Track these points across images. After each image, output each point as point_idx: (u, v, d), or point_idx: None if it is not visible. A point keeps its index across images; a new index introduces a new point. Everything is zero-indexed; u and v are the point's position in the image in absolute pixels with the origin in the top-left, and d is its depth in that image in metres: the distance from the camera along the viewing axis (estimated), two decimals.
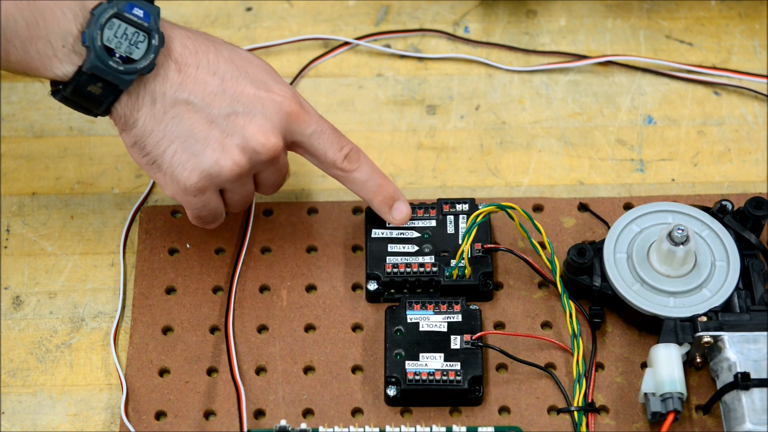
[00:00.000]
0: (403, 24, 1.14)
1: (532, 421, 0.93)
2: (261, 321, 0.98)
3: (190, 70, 0.91)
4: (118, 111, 0.91)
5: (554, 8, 1.15)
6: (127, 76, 0.89)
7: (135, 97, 0.91)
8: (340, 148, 0.96)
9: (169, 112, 0.91)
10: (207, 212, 0.95)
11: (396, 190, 0.98)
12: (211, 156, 0.92)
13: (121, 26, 0.89)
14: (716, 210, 0.98)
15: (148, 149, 0.92)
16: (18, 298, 1.00)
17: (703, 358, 0.94)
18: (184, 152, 0.92)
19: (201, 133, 0.91)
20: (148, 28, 0.90)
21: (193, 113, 0.91)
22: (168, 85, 0.91)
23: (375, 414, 0.94)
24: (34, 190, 1.05)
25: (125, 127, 0.92)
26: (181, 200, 0.94)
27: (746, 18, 1.14)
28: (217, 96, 0.92)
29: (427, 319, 0.96)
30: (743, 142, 1.07)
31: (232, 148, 0.92)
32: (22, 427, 0.94)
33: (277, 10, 1.15)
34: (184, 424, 0.94)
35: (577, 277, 0.96)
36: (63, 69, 0.89)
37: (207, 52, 0.92)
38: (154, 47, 0.90)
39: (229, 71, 0.92)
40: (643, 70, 1.11)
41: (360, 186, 0.97)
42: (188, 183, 0.92)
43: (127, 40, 0.89)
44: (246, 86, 0.92)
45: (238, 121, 0.92)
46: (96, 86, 0.89)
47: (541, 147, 1.07)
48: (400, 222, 0.98)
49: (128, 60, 0.89)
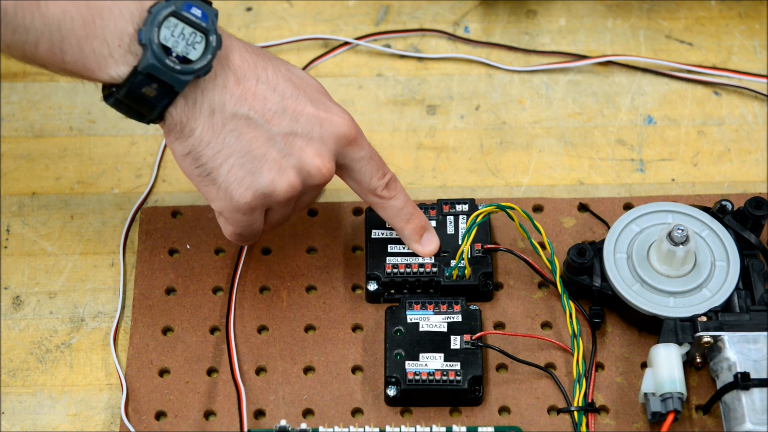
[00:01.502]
0: (403, 24, 1.14)
1: (532, 421, 0.94)
2: (261, 321, 0.98)
3: (249, 83, 0.89)
4: (174, 116, 0.89)
5: (554, 8, 1.15)
6: (183, 77, 0.87)
7: (192, 104, 0.88)
8: (383, 175, 0.94)
9: (228, 125, 0.89)
10: (249, 231, 0.94)
11: (426, 220, 0.97)
12: (268, 176, 0.90)
13: (179, 25, 0.87)
14: (716, 210, 0.98)
15: (204, 161, 0.90)
16: (18, 298, 1.00)
17: (703, 358, 0.94)
18: (240, 169, 0.90)
19: (259, 151, 0.90)
20: (206, 28, 0.88)
21: (252, 129, 0.89)
22: (227, 96, 0.89)
23: (375, 414, 0.94)
24: (34, 190, 1.05)
25: (180, 135, 0.89)
26: (228, 216, 0.92)
27: (746, 18, 1.14)
28: (276, 114, 0.90)
29: (427, 319, 0.96)
30: (743, 142, 1.07)
31: (288, 169, 0.90)
32: (22, 427, 0.94)
33: (277, 10, 1.15)
34: (184, 424, 0.94)
35: (577, 277, 0.96)
36: (118, 70, 0.86)
37: (266, 67, 0.90)
38: (211, 48, 0.87)
39: (288, 89, 0.91)
40: (643, 70, 1.11)
41: (394, 214, 0.96)
42: (242, 201, 0.91)
43: (184, 40, 0.87)
44: (305, 106, 0.91)
45: (296, 142, 0.90)
46: (151, 87, 0.87)
47: (541, 147, 1.07)
48: (428, 254, 0.97)
49: (185, 60, 0.87)
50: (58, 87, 1.10)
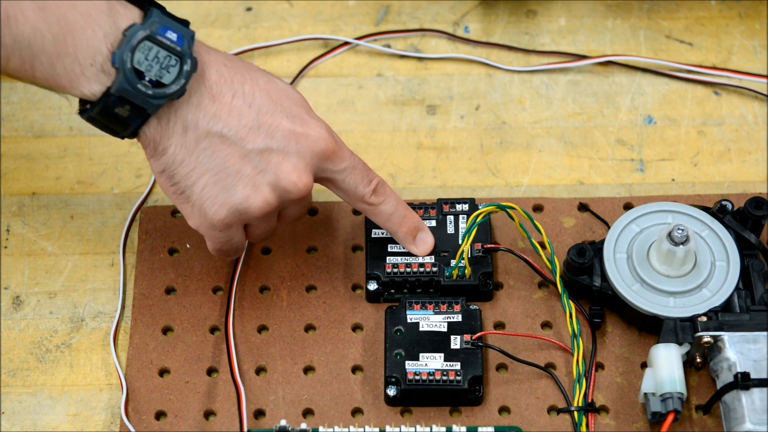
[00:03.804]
0: (403, 24, 1.14)
1: (532, 421, 0.94)
2: (261, 321, 0.98)
3: (225, 99, 0.89)
4: (147, 135, 0.88)
5: (554, 8, 1.15)
6: (155, 101, 0.86)
7: (165, 123, 0.88)
8: (369, 182, 0.94)
9: (201, 142, 0.89)
10: (229, 246, 0.94)
11: (419, 220, 0.97)
12: (242, 192, 0.90)
13: (153, 49, 0.86)
14: (716, 210, 0.98)
15: (177, 179, 0.90)
16: (18, 298, 1.00)
17: (703, 358, 0.94)
18: (214, 186, 0.90)
19: (233, 168, 0.89)
20: (181, 52, 0.87)
21: (226, 146, 0.89)
22: (201, 114, 0.88)
23: (375, 414, 0.94)
24: (34, 190, 1.05)
25: (154, 153, 0.89)
26: (204, 233, 0.93)
27: (746, 18, 1.14)
28: (251, 130, 0.89)
29: (427, 319, 0.96)
30: (743, 142, 1.07)
31: (263, 186, 0.90)
32: (22, 427, 0.94)
33: (277, 10, 1.15)
34: (184, 424, 0.94)
35: (577, 277, 0.96)
36: (90, 88, 0.86)
37: (243, 81, 0.90)
38: (185, 72, 0.87)
39: (265, 104, 0.90)
40: (643, 70, 1.11)
41: (385, 219, 0.96)
42: (216, 218, 0.91)
43: (159, 64, 0.86)
44: (282, 121, 0.90)
45: (271, 158, 0.90)
46: (124, 108, 0.86)
47: (541, 147, 1.07)
48: (423, 253, 0.98)
49: (158, 84, 0.86)
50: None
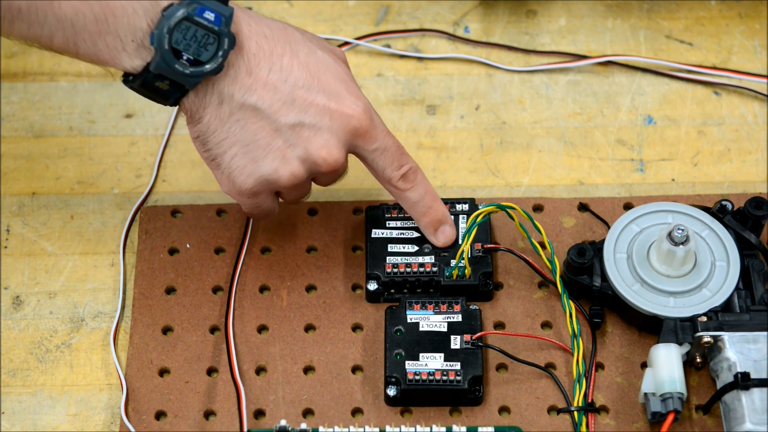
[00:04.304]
0: (403, 24, 1.14)
1: (532, 421, 0.93)
2: (261, 321, 0.98)
3: (261, 73, 0.90)
4: (185, 105, 0.91)
5: (554, 8, 1.15)
6: (193, 79, 0.89)
7: (202, 95, 0.90)
8: (399, 166, 0.95)
9: (235, 114, 0.91)
10: (258, 211, 0.96)
11: (445, 213, 0.98)
12: (271, 164, 0.92)
13: (191, 29, 0.88)
14: (716, 210, 0.98)
15: (209, 146, 0.92)
16: (18, 298, 1.00)
17: (703, 358, 0.94)
18: (243, 156, 0.92)
19: (264, 140, 0.91)
20: (219, 31, 0.88)
21: (258, 119, 0.91)
22: (237, 87, 0.90)
23: (375, 414, 0.94)
24: (34, 190, 1.05)
25: (191, 121, 0.92)
26: (234, 198, 0.95)
27: (746, 18, 1.14)
28: (285, 104, 0.91)
29: (427, 319, 0.96)
30: (743, 142, 1.07)
31: (292, 159, 0.92)
32: (22, 427, 0.94)
33: (277, 10, 1.15)
34: (184, 424, 0.94)
35: (577, 277, 0.96)
36: (132, 63, 0.88)
37: (282, 54, 0.91)
38: (223, 50, 0.89)
39: (301, 78, 0.91)
40: (643, 70, 1.11)
41: (411, 205, 0.97)
42: (244, 186, 0.93)
43: (197, 42, 0.88)
44: (316, 96, 0.91)
45: (303, 132, 0.91)
46: (163, 83, 0.89)
47: (541, 147, 1.07)
48: (444, 245, 0.98)
49: (196, 62, 0.88)
50: (58, 87, 1.10)
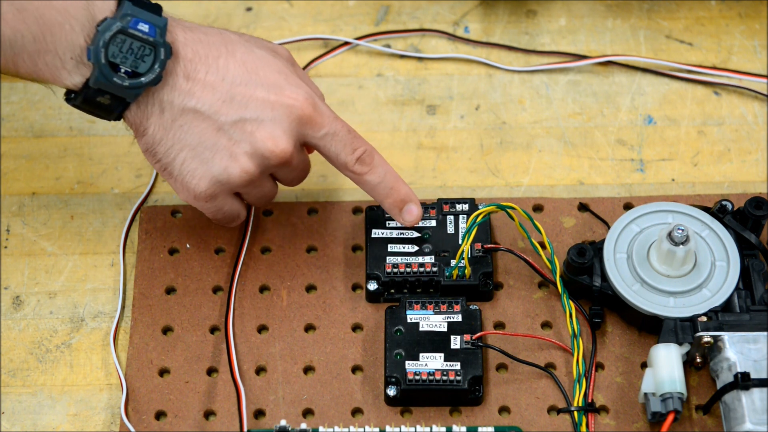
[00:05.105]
0: (403, 24, 1.14)
1: (532, 421, 0.93)
2: (261, 321, 0.98)
3: (199, 76, 0.91)
4: (129, 118, 0.92)
5: (554, 8, 1.15)
6: (132, 90, 0.90)
7: (144, 107, 0.91)
8: (353, 150, 0.95)
9: (177, 120, 0.91)
10: (222, 215, 0.96)
11: (408, 192, 0.97)
12: (220, 164, 0.92)
13: (127, 41, 0.89)
14: (716, 210, 0.98)
15: (159, 156, 0.93)
16: (18, 298, 1.00)
17: (703, 358, 0.94)
18: (193, 160, 0.92)
19: (209, 141, 0.92)
20: (154, 42, 0.89)
21: (201, 121, 0.92)
22: (176, 94, 0.91)
23: (375, 414, 0.94)
24: (34, 190, 1.05)
25: (137, 133, 0.93)
26: (193, 204, 0.95)
27: (746, 18, 1.14)
28: (225, 102, 0.91)
29: (427, 319, 0.96)
30: (743, 142, 1.07)
31: (240, 155, 0.92)
32: (22, 427, 0.94)
33: (277, 10, 1.15)
34: (184, 424, 0.94)
35: (577, 277, 0.96)
36: (72, 80, 0.89)
37: (218, 56, 0.92)
38: (160, 61, 0.90)
39: (239, 75, 0.92)
40: (643, 70, 1.11)
41: (371, 188, 0.97)
42: (198, 190, 0.93)
43: (133, 55, 0.89)
44: (255, 90, 0.92)
45: (246, 127, 0.92)
46: (104, 98, 0.90)
47: (541, 147, 1.07)
48: (411, 223, 0.98)
49: (134, 74, 0.89)
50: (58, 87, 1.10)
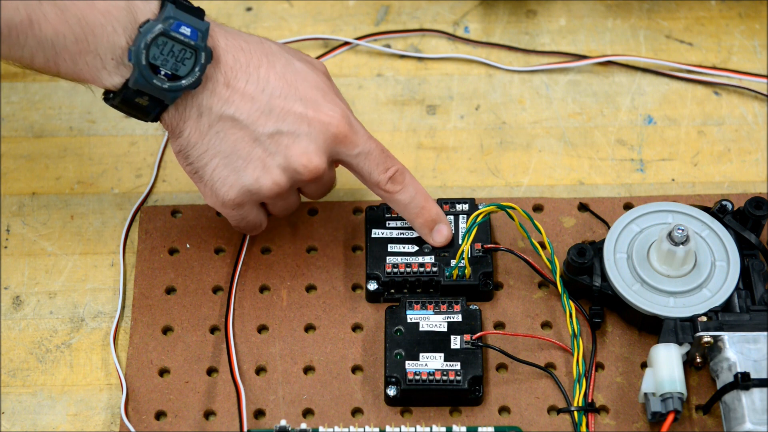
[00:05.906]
0: (403, 24, 1.14)
1: (532, 421, 0.94)
2: (261, 321, 0.98)
3: (239, 84, 0.91)
4: (166, 120, 0.92)
5: (554, 8, 1.15)
6: (171, 93, 0.90)
7: (182, 109, 0.91)
8: (385, 169, 0.95)
9: (214, 126, 0.91)
10: (245, 224, 0.97)
11: (438, 212, 0.98)
12: (252, 174, 0.92)
13: (168, 44, 0.89)
14: (716, 210, 0.98)
15: (191, 160, 0.93)
16: (18, 298, 1.00)
17: (703, 358, 0.94)
18: (225, 168, 0.92)
19: (243, 151, 0.92)
20: (195, 46, 0.89)
21: (237, 130, 0.92)
22: (215, 100, 0.91)
23: (375, 414, 0.94)
24: (34, 190, 1.05)
25: (172, 135, 0.93)
26: (219, 210, 0.96)
27: (746, 18, 1.14)
28: (263, 114, 0.92)
29: (427, 319, 0.96)
30: (743, 142, 1.07)
31: (273, 168, 0.92)
32: (22, 427, 0.94)
33: (277, 10, 1.15)
34: (184, 424, 0.94)
35: (577, 277, 0.96)
36: (112, 80, 0.89)
37: (259, 66, 0.92)
38: (200, 65, 0.90)
39: (278, 88, 0.92)
40: (643, 70, 1.11)
41: (402, 207, 0.97)
42: (226, 198, 0.93)
43: (174, 57, 0.89)
44: (294, 104, 0.92)
45: (282, 140, 0.92)
46: (143, 99, 0.90)
47: (541, 147, 1.07)
48: (441, 244, 0.98)
49: (174, 77, 0.89)
50: (58, 87, 1.10)
